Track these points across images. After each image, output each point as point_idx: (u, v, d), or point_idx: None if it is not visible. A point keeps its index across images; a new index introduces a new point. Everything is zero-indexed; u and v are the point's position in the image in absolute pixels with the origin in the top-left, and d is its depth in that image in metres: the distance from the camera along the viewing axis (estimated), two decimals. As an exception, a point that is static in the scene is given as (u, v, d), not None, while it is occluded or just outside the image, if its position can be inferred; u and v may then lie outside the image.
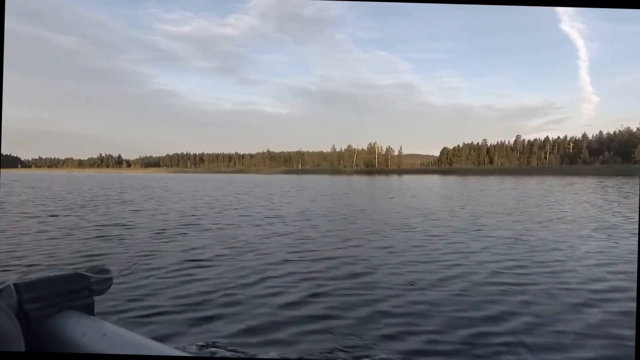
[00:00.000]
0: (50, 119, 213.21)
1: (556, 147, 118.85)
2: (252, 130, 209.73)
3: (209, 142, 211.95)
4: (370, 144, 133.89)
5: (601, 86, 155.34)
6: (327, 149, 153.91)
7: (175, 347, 0.83)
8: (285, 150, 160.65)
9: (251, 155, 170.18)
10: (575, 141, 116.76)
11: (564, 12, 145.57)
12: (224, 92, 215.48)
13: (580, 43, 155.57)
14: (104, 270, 1.04)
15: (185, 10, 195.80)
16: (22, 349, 0.83)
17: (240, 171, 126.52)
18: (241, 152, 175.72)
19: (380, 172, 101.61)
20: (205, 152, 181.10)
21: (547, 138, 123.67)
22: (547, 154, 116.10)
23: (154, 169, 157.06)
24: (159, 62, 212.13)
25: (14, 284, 0.87)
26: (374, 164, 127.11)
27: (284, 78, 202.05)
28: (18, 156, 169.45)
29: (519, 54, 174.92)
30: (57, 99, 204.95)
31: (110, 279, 1.04)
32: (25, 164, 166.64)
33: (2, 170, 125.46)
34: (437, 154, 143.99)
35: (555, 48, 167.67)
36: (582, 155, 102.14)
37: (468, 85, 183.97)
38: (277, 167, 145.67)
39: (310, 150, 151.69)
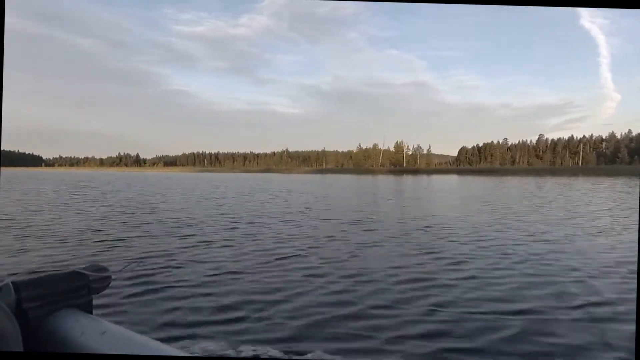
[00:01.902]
0: (68, 119, 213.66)
1: (588, 146, 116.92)
2: (265, 129, 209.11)
3: (223, 141, 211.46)
4: (397, 142, 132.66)
5: (623, 83, 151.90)
6: (341, 148, 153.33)
7: (175, 347, 0.81)
8: (301, 150, 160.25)
9: (266, 155, 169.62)
10: (602, 140, 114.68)
11: (583, 8, 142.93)
12: (237, 92, 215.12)
13: (601, 39, 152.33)
14: (102, 269, 1.02)
15: (199, 11, 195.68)
16: (21, 347, 0.83)
17: (267, 170, 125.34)
18: (256, 151, 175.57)
19: (415, 172, 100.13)
20: (220, 152, 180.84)
21: (571, 137, 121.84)
22: (580, 153, 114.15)
23: (179, 168, 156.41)
24: (174, 62, 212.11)
25: (12, 282, 0.86)
26: (402, 163, 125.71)
27: (297, 77, 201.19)
28: (40, 155, 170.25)
29: (537, 52, 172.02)
30: (75, 99, 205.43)
31: (109, 277, 1.02)
32: (48, 163, 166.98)
33: (27, 169, 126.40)
34: (453, 153, 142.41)
35: (574, 45, 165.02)
36: (620, 155, 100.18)
37: (484, 83, 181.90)
38: (297, 166, 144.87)
39: (324, 150, 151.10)
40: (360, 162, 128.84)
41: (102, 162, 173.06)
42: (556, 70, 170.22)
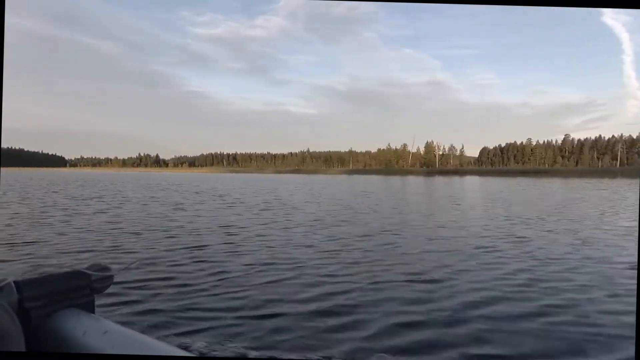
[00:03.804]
0: (84, 120, 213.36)
1: (625, 147, 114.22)
2: (281, 130, 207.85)
3: (239, 141, 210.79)
4: (427, 143, 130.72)
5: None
6: (357, 148, 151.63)
7: (176, 346, 0.80)
8: (318, 150, 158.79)
9: (284, 155, 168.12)
10: (633, 141, 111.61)
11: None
12: (253, 92, 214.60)
13: (624, 36, 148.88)
14: (104, 268, 1.00)
15: (216, 13, 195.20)
16: (23, 347, 0.81)
17: (297, 171, 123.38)
18: (272, 151, 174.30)
19: (454, 172, 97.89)
20: (238, 152, 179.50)
21: (599, 137, 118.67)
22: (619, 153, 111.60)
23: (206, 168, 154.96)
24: (191, 64, 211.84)
25: (14, 282, 0.85)
26: (434, 163, 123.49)
27: (312, 78, 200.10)
28: (63, 156, 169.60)
29: (557, 49, 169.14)
30: (92, 101, 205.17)
31: (111, 276, 1.00)
32: (71, 163, 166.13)
33: (53, 169, 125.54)
34: (471, 152, 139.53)
35: (596, 42, 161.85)
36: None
37: (502, 82, 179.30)
38: (319, 166, 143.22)
39: (351, 150, 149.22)
40: (389, 163, 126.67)
41: (123, 163, 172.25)
42: (577, 68, 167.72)
